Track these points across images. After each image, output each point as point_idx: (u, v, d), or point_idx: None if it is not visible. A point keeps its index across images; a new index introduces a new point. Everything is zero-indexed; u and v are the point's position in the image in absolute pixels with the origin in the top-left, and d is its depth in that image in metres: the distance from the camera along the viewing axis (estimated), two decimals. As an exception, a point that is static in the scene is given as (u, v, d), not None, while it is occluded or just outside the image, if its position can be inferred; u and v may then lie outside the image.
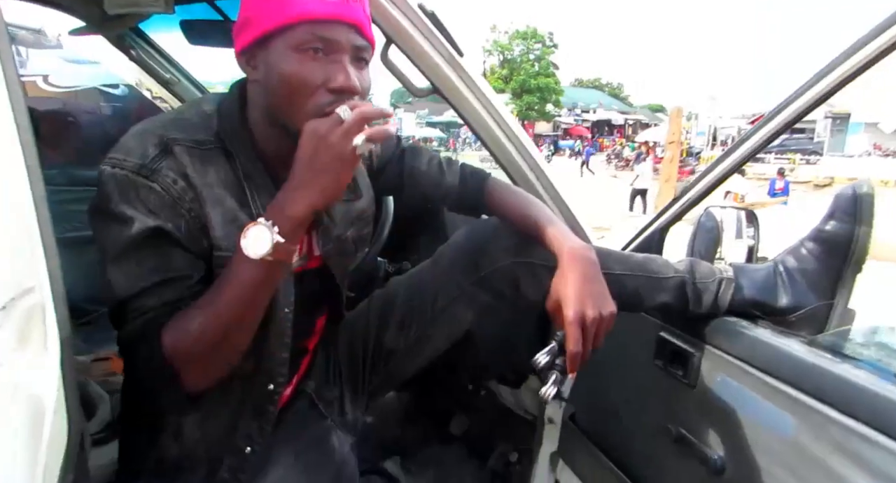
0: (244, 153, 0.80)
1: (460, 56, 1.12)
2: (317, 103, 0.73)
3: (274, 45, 0.74)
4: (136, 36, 1.80)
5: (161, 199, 0.72)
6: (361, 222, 1.00)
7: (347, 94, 0.74)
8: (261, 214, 0.77)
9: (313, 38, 0.72)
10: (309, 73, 0.73)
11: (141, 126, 0.77)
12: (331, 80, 0.73)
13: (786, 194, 10.66)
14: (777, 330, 0.93)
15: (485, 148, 1.27)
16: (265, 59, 0.76)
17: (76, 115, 1.98)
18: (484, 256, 1.00)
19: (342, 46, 0.74)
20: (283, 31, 0.73)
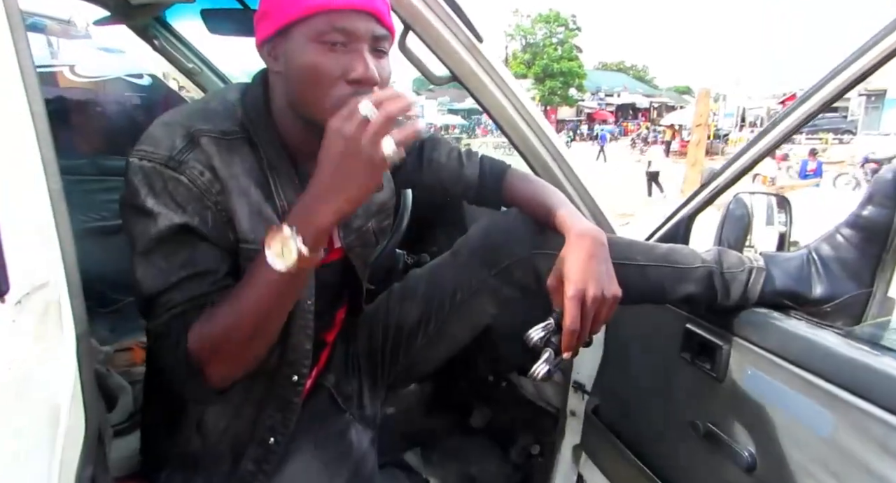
0: (268, 143, 0.79)
1: (480, 42, 1.09)
2: (337, 95, 0.72)
3: (293, 36, 0.73)
4: (160, 26, 1.81)
5: (189, 191, 0.72)
6: (382, 214, 1.00)
7: (367, 85, 0.73)
8: (285, 209, 0.78)
9: (331, 29, 0.71)
10: (328, 65, 0.72)
11: (167, 116, 0.77)
12: (350, 70, 0.73)
13: (818, 176, 10.32)
14: (811, 321, 0.89)
15: (504, 136, 1.24)
16: (285, 51, 0.75)
17: (104, 106, 2.00)
18: (504, 248, 0.98)
19: (361, 36, 0.73)
20: (301, 22, 0.72)
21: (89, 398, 0.57)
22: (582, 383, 1.38)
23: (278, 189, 0.80)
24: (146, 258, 0.73)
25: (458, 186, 1.05)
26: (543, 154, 1.23)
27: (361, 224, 0.95)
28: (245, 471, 0.86)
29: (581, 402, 1.37)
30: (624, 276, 0.96)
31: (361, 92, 0.72)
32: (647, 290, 0.97)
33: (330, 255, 0.92)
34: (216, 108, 0.79)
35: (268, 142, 0.80)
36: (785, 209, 1.17)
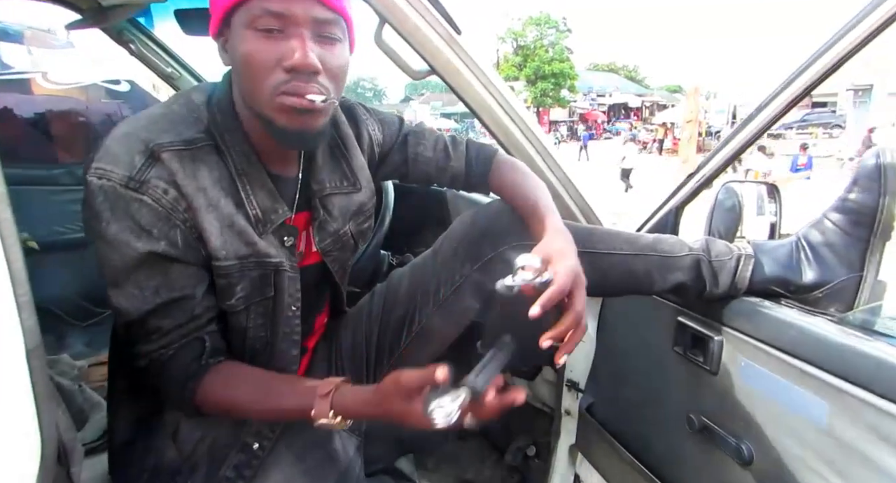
0: (235, 147, 0.76)
1: (458, 34, 1.06)
2: (272, 83, 0.69)
3: (233, 25, 0.70)
4: (135, 29, 1.78)
5: (153, 212, 0.70)
6: (361, 216, 0.97)
7: (304, 72, 0.70)
8: (259, 217, 0.77)
9: (265, 14, 0.68)
10: (262, 52, 0.68)
11: (125, 127, 0.73)
12: (284, 57, 0.68)
13: (809, 169, 10.38)
14: (803, 309, 0.87)
15: (487, 132, 1.22)
16: (227, 43, 0.73)
17: (80, 113, 1.97)
18: (485, 241, 0.95)
19: (298, 20, 0.69)
20: (237, 8, 0.69)
21: (45, 416, 0.54)
22: (576, 381, 1.35)
23: (250, 196, 0.77)
24: (119, 288, 0.71)
25: (444, 178, 1.04)
26: (528, 148, 1.21)
27: (338, 227, 0.92)
28: (223, 477, 0.83)
29: (575, 401, 1.34)
30: (609, 265, 0.94)
31: (299, 78, 0.69)
32: (634, 280, 0.95)
33: (308, 259, 0.89)
34: (179, 113, 0.76)
35: (235, 146, 0.76)
36: (775, 198, 1.15)
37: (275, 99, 0.70)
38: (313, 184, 0.88)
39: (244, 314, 0.80)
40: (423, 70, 1.13)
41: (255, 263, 0.78)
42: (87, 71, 1.98)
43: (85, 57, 2.81)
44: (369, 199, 0.98)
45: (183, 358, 0.73)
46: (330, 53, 0.72)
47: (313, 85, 0.70)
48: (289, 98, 0.70)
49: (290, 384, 0.77)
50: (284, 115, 0.71)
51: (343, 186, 0.92)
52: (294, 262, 0.84)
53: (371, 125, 0.99)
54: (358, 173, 0.94)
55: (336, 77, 0.74)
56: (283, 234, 0.82)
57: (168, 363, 0.73)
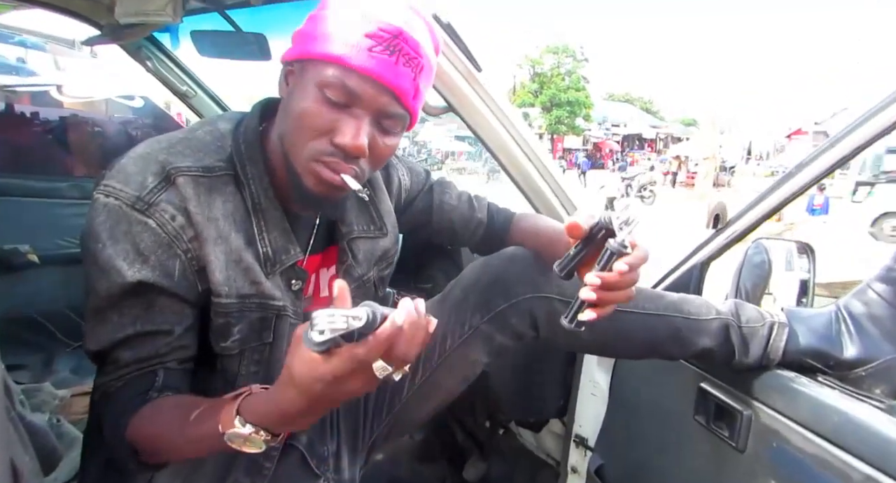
0: (256, 181, 0.72)
1: (478, 71, 1.02)
2: (316, 149, 0.67)
3: (306, 71, 0.68)
4: (153, 46, 1.76)
5: (155, 237, 0.65)
6: (384, 262, 0.94)
7: (351, 155, 0.67)
8: (269, 256, 0.73)
9: (339, 84, 0.65)
10: (320, 117, 0.66)
11: (144, 147, 0.70)
12: (337, 132, 0.66)
13: (825, 212, 10.21)
14: (845, 390, 0.79)
15: (503, 170, 1.17)
16: (295, 83, 0.70)
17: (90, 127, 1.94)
18: (498, 291, 0.89)
19: (366, 104, 0.66)
20: (318, 62, 0.66)
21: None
22: (584, 437, 1.27)
23: (263, 233, 0.73)
24: (99, 313, 0.66)
25: (467, 229, 1.02)
26: (544, 189, 1.15)
27: (363, 273, 0.88)
28: None
29: (584, 459, 1.26)
30: (630, 325, 0.87)
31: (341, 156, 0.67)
32: (656, 342, 0.88)
33: (314, 304, 0.85)
34: (203, 139, 0.73)
35: (256, 179, 0.72)
36: (808, 255, 1.08)
37: (310, 163, 0.67)
38: (342, 226, 0.85)
39: (237, 359, 0.75)
40: (441, 106, 1.09)
41: (257, 304, 0.73)
42: (101, 85, 1.96)
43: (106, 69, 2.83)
44: (393, 244, 0.95)
45: (129, 391, 0.66)
46: (381, 141, 0.70)
47: (352, 167, 0.69)
48: (324, 170, 0.67)
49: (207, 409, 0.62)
50: (313, 180, 0.68)
51: (370, 231, 0.89)
52: (299, 307, 0.79)
53: (401, 170, 0.98)
54: (385, 218, 0.92)
55: (377, 163, 0.72)
56: (291, 276, 0.77)
57: (114, 394, 0.67)
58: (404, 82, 0.67)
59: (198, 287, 0.69)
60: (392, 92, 0.67)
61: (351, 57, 0.64)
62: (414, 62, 0.68)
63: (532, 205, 1.18)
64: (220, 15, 1.39)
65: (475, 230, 1.02)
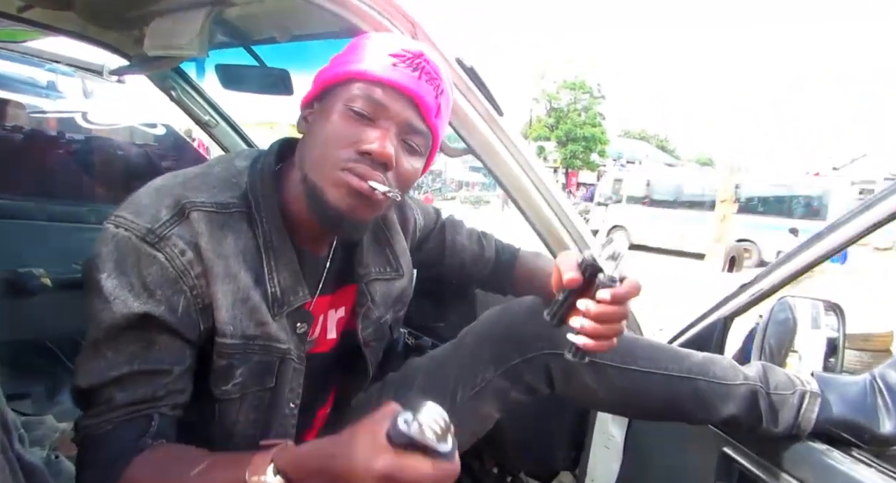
0: (269, 219, 0.72)
1: (500, 115, 1.01)
2: (341, 157, 0.67)
3: (327, 100, 0.70)
4: (178, 76, 1.79)
5: (163, 271, 0.64)
6: (400, 304, 0.93)
7: (378, 161, 0.67)
8: (276, 296, 0.71)
9: (364, 98, 0.67)
10: (345, 130, 0.67)
11: (160, 181, 0.70)
12: (364, 140, 0.66)
13: (844, 260, 9.99)
14: (883, 469, 0.73)
15: (521, 214, 1.15)
16: (317, 113, 0.71)
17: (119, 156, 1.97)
18: (514, 343, 0.86)
19: (391, 115, 0.68)
20: (338, 86, 0.69)
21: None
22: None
23: (272, 272, 0.72)
24: (95, 347, 0.64)
25: (476, 267, 1.04)
26: (562, 234, 1.12)
27: (380, 315, 0.88)
28: None
29: (595, 519, 1.20)
30: (651, 386, 0.84)
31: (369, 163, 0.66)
32: (678, 406, 0.84)
33: (320, 346, 0.82)
34: (219, 175, 0.73)
35: (270, 217, 0.72)
36: (836, 314, 1.04)
37: (336, 172, 0.67)
38: (359, 268, 0.85)
39: (237, 404, 0.72)
40: (460, 148, 1.07)
41: (261, 347, 0.71)
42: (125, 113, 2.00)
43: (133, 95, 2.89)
44: (409, 285, 0.94)
45: (122, 435, 0.62)
46: (407, 161, 0.71)
47: (379, 174, 0.68)
48: (351, 177, 0.67)
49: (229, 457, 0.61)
50: (339, 192, 0.67)
51: (386, 272, 0.89)
52: (303, 351, 0.77)
53: (415, 210, 0.98)
54: (400, 258, 0.91)
55: (403, 181, 0.72)
56: (297, 319, 0.75)
57: (102, 438, 0.63)
58: (427, 96, 0.69)
59: (200, 326, 0.67)
60: (416, 105, 0.68)
61: (375, 70, 0.67)
62: (435, 82, 0.71)
63: (547, 246, 1.16)
64: (245, 50, 1.41)
65: (483, 268, 1.04)
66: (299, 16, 1.14)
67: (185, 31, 1.26)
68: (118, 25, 1.52)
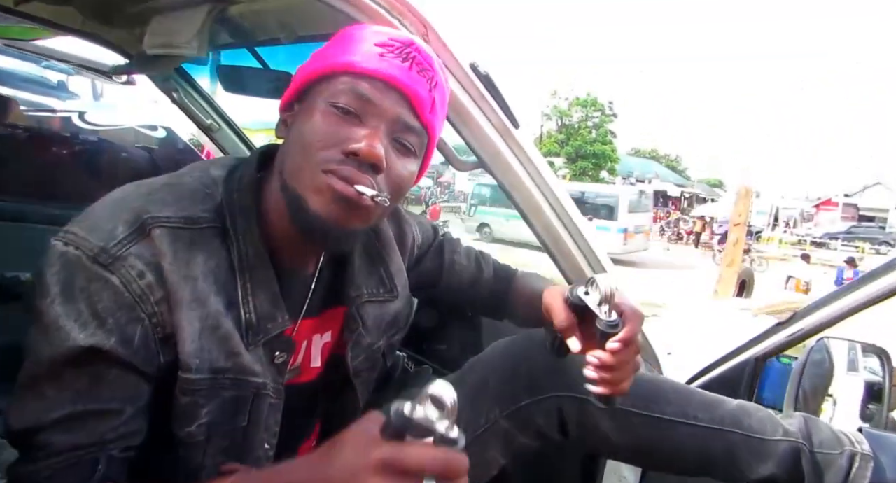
0: (247, 235, 0.63)
1: (515, 127, 0.93)
2: (324, 158, 0.59)
3: (309, 98, 0.63)
4: (181, 77, 1.73)
5: (116, 297, 0.55)
6: (395, 328, 0.84)
7: (366, 162, 0.59)
8: (251, 322, 0.63)
9: (350, 93, 0.60)
10: (329, 129, 0.60)
11: (121, 191, 0.62)
12: (349, 139, 0.59)
13: (857, 287, 9.82)
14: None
15: (534, 234, 1.06)
16: (297, 115, 0.63)
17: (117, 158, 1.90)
18: (523, 382, 0.78)
19: (381, 111, 0.61)
20: (321, 81, 0.62)
21: None
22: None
23: (248, 296, 0.63)
24: (34, 384, 0.55)
25: (473, 288, 0.96)
26: (575, 254, 1.04)
27: (372, 342, 0.79)
28: None
29: None
30: (679, 438, 0.74)
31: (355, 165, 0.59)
32: (707, 461, 0.75)
33: (302, 376, 0.74)
34: (190, 185, 0.64)
35: (247, 232, 0.63)
36: (882, 360, 0.94)
37: (318, 176, 0.59)
38: (350, 289, 0.76)
39: (203, 447, 0.62)
40: (471, 161, 0.99)
41: (232, 381, 0.62)
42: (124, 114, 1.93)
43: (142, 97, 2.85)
44: (405, 308, 0.85)
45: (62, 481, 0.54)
46: (399, 162, 0.63)
47: (368, 177, 0.60)
48: (335, 180, 0.59)
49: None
50: (321, 198, 0.60)
51: (379, 294, 0.80)
52: (280, 384, 0.68)
53: (413, 226, 0.90)
54: (396, 279, 0.82)
55: (395, 186, 0.63)
56: (275, 347, 0.67)
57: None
58: (420, 89, 0.62)
59: (159, 359, 0.58)
60: (408, 99, 0.62)
61: (360, 62, 0.60)
62: (428, 74, 0.63)
63: (558, 266, 1.07)
64: (248, 51, 1.34)
65: (481, 290, 0.96)
66: (304, 15, 1.07)
67: (185, 29, 1.19)
68: (119, 22, 1.46)
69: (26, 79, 2.82)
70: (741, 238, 5.57)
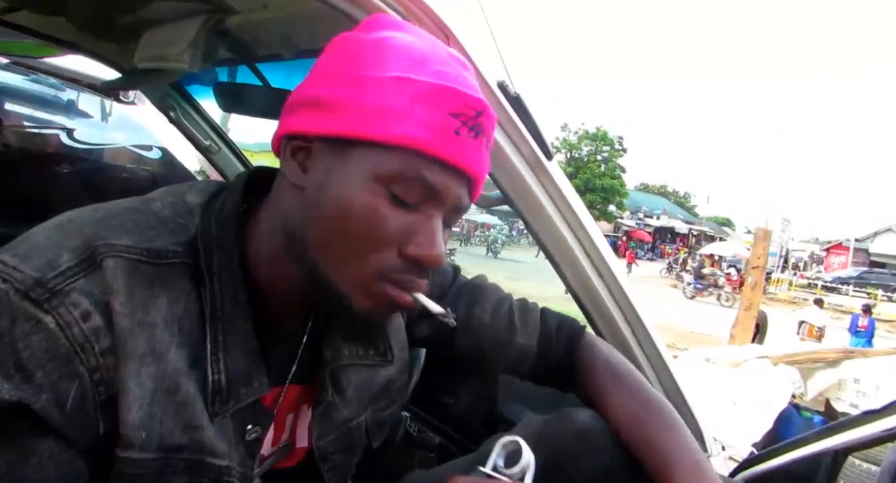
0: (224, 277, 0.51)
1: (548, 159, 0.79)
2: (382, 264, 0.49)
3: (352, 157, 0.49)
4: (178, 95, 1.62)
5: (50, 343, 0.42)
6: (384, 399, 0.68)
7: (429, 266, 0.50)
8: (219, 386, 0.50)
9: (416, 179, 0.48)
10: (389, 221, 0.49)
11: (72, 214, 0.49)
12: (413, 240, 0.50)
13: (870, 336, 9.47)
14: None
15: (563, 281, 0.91)
16: (327, 169, 0.50)
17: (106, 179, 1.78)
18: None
19: (444, 201, 0.51)
20: (377, 147, 0.48)
21: None
22: None
23: (218, 352, 0.50)
24: None
25: (504, 358, 0.74)
26: (613, 312, 0.88)
27: (350, 415, 0.63)
28: None
29: None
30: None
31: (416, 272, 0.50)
32: None
33: (291, 458, 0.62)
34: (158, 213, 0.52)
35: (224, 274, 0.51)
36: None
37: (373, 283, 0.50)
38: (325, 350, 0.61)
39: None
40: (495, 197, 0.85)
41: (188, 464, 0.48)
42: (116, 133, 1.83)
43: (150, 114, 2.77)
44: (400, 374, 0.69)
45: None
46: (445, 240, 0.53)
47: (426, 282, 0.52)
48: (392, 288, 0.50)
49: None
50: (372, 302, 0.51)
51: (367, 355, 0.65)
52: (249, 469, 0.53)
53: None
54: (391, 337, 0.67)
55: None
56: (247, 419, 0.53)
57: None
58: (485, 168, 0.53)
59: (99, 427, 0.45)
60: (472, 182, 0.52)
61: (434, 143, 0.48)
62: (490, 139, 0.54)
63: (594, 326, 0.91)
64: (248, 68, 1.23)
65: (517, 362, 0.74)
66: (308, 26, 0.95)
67: (176, 41, 1.08)
68: (113, 35, 1.36)
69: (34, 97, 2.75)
70: (760, 281, 5.37)
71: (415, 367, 0.99)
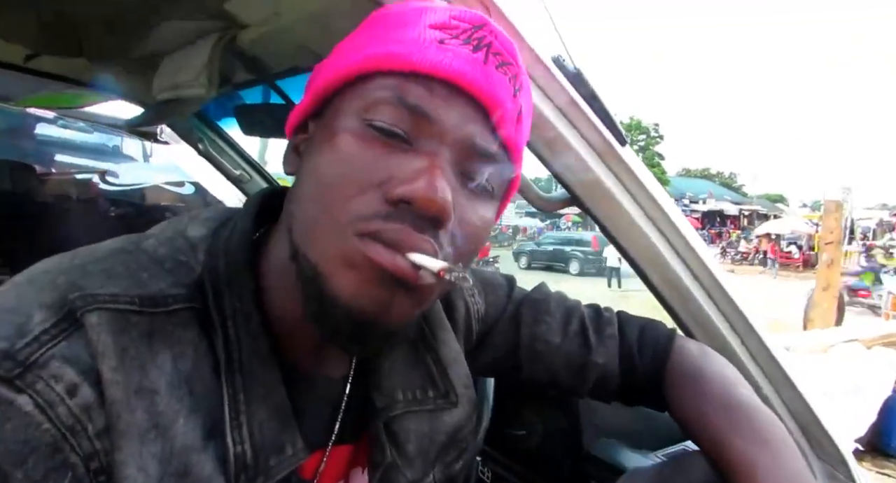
0: (239, 321, 0.42)
1: (622, 145, 0.65)
2: (357, 211, 0.38)
3: (333, 111, 0.42)
4: (206, 127, 1.58)
5: (29, 433, 0.33)
6: (454, 450, 0.56)
7: (424, 214, 0.38)
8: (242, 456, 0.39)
9: (396, 104, 0.39)
10: (363, 158, 0.39)
11: (45, 264, 0.41)
12: (398, 177, 0.38)
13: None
14: None
15: (649, 289, 0.77)
16: (313, 140, 0.43)
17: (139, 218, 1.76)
18: None
19: (443, 131, 0.39)
20: (350, 86, 0.41)
21: None
22: None
23: (240, 415, 0.40)
24: None
25: (583, 383, 0.63)
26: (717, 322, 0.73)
27: (417, 477, 0.51)
28: None
29: None
30: None
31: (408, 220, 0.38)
32: None
33: None
34: (153, 252, 0.43)
35: (240, 316, 0.42)
36: None
37: (349, 241, 0.38)
38: (376, 397, 0.51)
39: None
40: (559, 197, 0.72)
41: None
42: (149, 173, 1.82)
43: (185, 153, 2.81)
44: (468, 417, 0.57)
45: None
46: (471, 204, 0.41)
47: (427, 240, 0.39)
48: (376, 248, 0.38)
49: None
50: (354, 278, 0.38)
51: (426, 399, 0.53)
52: None
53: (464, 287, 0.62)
54: (452, 374, 0.55)
55: (469, 245, 0.41)
56: None
57: None
58: (501, 92, 0.40)
59: None
60: (484, 109, 0.40)
61: (410, 53, 0.39)
62: (512, 70, 0.41)
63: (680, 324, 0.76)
64: (269, 87, 1.15)
65: (600, 386, 0.63)
66: (326, 31, 0.85)
67: (190, 65, 1.02)
68: (130, 70, 1.32)
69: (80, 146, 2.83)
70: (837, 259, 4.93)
71: (484, 408, 0.87)
